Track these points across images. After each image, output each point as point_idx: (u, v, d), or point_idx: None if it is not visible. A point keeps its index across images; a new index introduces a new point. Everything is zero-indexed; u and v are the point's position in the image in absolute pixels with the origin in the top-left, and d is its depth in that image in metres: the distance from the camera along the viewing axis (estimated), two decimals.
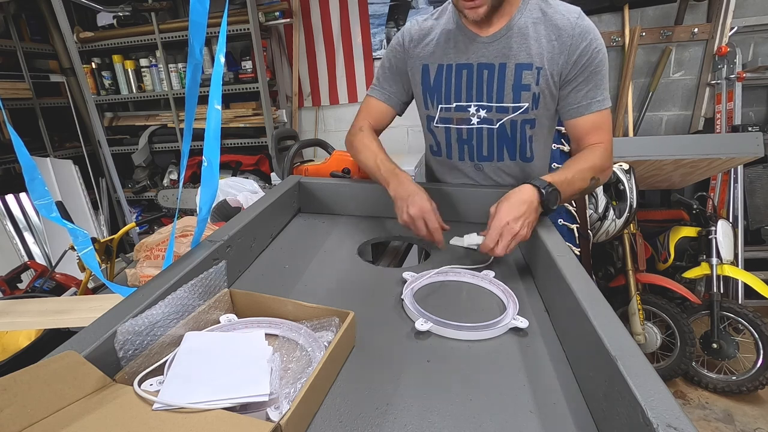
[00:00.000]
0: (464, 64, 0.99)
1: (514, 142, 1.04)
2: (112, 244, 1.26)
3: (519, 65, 0.94)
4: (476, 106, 1.01)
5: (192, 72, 0.71)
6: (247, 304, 0.64)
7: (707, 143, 1.79)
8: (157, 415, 0.42)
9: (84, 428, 0.41)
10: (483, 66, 0.97)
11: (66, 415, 0.42)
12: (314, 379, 0.47)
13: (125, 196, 2.85)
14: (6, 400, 0.38)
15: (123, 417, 0.42)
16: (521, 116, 0.99)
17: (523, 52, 0.94)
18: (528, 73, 0.94)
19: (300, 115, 3.07)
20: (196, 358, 0.51)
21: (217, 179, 0.73)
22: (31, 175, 0.75)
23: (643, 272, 1.95)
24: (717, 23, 2.24)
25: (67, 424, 0.41)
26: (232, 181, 1.54)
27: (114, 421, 0.42)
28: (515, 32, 0.94)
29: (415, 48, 1.04)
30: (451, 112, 1.04)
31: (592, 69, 0.91)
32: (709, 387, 1.86)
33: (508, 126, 1.01)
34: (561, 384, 0.53)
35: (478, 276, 0.79)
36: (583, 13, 0.93)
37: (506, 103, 0.98)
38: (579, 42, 0.90)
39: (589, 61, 0.91)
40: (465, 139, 1.07)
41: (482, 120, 1.02)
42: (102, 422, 0.41)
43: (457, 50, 0.99)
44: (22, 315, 0.76)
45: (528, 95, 0.96)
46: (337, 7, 2.77)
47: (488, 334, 0.63)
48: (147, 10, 2.60)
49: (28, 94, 2.62)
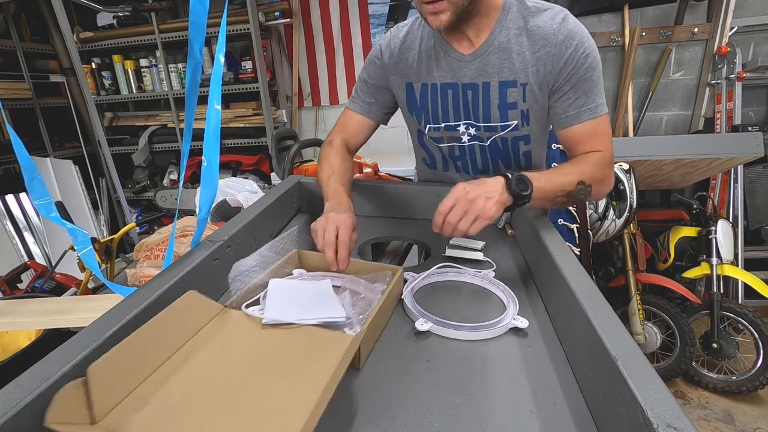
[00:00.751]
0: (449, 84, 0.95)
1: (507, 156, 1.01)
2: (112, 244, 1.26)
3: (503, 83, 0.90)
4: (465, 125, 0.98)
5: (192, 72, 0.71)
6: (311, 262, 0.79)
7: (707, 143, 1.79)
8: (266, 329, 0.57)
9: (218, 343, 0.55)
10: (467, 86, 0.93)
11: (201, 336, 0.56)
12: (376, 312, 0.60)
13: (125, 196, 2.85)
14: (157, 336, 0.51)
15: (242, 332, 0.57)
16: (512, 133, 0.96)
17: (506, 69, 0.88)
18: (513, 90, 0.90)
19: (300, 115, 3.07)
20: (283, 294, 0.65)
21: (216, 179, 0.73)
22: (31, 174, 0.75)
23: (643, 272, 1.95)
24: (717, 23, 2.24)
25: (205, 342, 0.55)
26: (231, 181, 1.54)
27: (237, 335, 0.56)
28: (496, 48, 0.88)
29: (396, 65, 0.99)
30: (440, 131, 1.01)
31: (580, 76, 0.84)
32: (709, 387, 1.86)
33: (499, 143, 0.99)
34: (561, 384, 0.53)
35: (479, 276, 0.79)
36: (568, 16, 0.85)
37: (494, 123, 0.94)
38: (564, 50, 0.83)
39: (576, 69, 0.84)
40: (458, 155, 1.05)
41: (473, 137, 0.99)
42: (228, 337, 0.56)
43: (439, 68, 0.95)
44: (22, 315, 0.76)
45: (516, 113, 0.92)
46: (337, 7, 2.77)
47: (488, 334, 0.63)
48: (147, 10, 2.60)
49: (28, 94, 2.62)
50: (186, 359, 0.52)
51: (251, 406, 0.44)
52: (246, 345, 0.54)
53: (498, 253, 0.91)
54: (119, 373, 0.46)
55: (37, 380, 0.43)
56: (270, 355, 0.52)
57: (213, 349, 0.54)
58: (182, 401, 0.45)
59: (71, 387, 0.41)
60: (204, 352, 0.53)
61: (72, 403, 0.41)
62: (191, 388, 0.47)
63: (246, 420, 0.42)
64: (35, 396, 0.41)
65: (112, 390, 0.45)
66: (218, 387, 0.47)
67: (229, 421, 0.43)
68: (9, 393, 0.41)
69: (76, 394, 0.42)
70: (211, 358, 0.52)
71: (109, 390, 0.44)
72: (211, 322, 0.58)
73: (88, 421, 0.42)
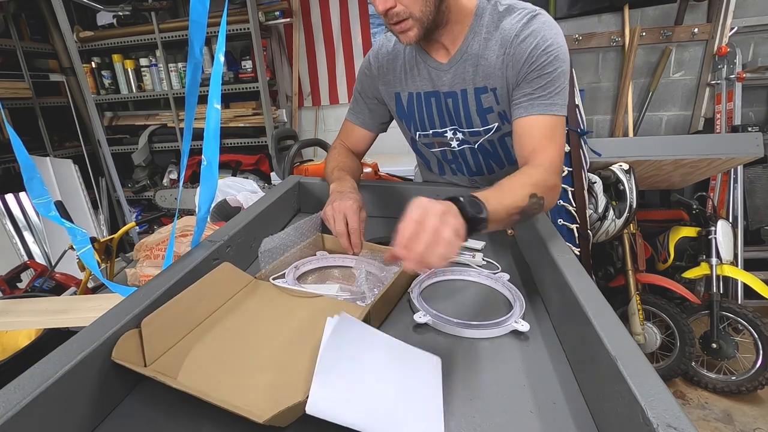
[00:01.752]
0: (432, 92, 0.97)
1: (498, 156, 1.03)
2: (112, 243, 1.26)
3: (477, 89, 0.91)
4: (452, 130, 1.00)
5: (192, 72, 0.71)
6: (332, 246, 0.88)
7: (707, 143, 1.79)
8: (290, 298, 0.67)
9: (248, 307, 0.65)
10: (447, 94, 0.95)
11: (234, 301, 0.66)
12: (387, 288, 0.65)
13: (125, 196, 2.85)
14: (196, 299, 0.61)
15: (269, 299, 0.67)
16: (496, 134, 0.97)
17: (478, 76, 0.90)
18: (485, 96, 0.91)
19: (300, 114, 3.07)
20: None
21: (216, 179, 0.73)
22: (30, 174, 0.75)
23: (642, 272, 1.95)
24: (717, 23, 2.24)
25: (237, 306, 0.65)
26: (231, 181, 1.54)
27: (265, 302, 0.66)
28: (470, 55, 0.89)
29: (384, 76, 1.01)
30: (429, 138, 1.04)
31: (538, 73, 0.83)
32: (708, 387, 1.86)
33: (487, 144, 1.00)
34: (561, 384, 0.53)
35: (492, 278, 0.78)
36: (538, 16, 0.84)
37: (476, 128, 0.97)
38: (524, 49, 0.83)
39: (533, 65, 0.83)
40: (450, 159, 1.07)
41: (461, 142, 1.01)
42: (257, 303, 0.66)
43: (421, 78, 0.97)
44: (21, 314, 0.76)
45: (494, 116, 0.94)
46: (337, 7, 2.77)
47: (488, 334, 0.63)
48: (147, 9, 2.60)
49: (28, 93, 2.62)
50: (221, 319, 0.61)
51: (275, 359, 0.53)
52: (272, 310, 0.64)
53: (498, 253, 0.91)
54: (165, 328, 0.55)
55: (37, 380, 0.43)
56: (292, 319, 0.62)
57: (244, 313, 0.63)
58: (218, 353, 0.54)
59: (128, 335, 0.51)
60: (236, 314, 0.63)
61: (129, 348, 0.51)
62: (226, 343, 0.56)
63: (271, 371, 0.51)
64: (35, 396, 0.41)
65: (159, 341, 0.54)
66: (248, 342, 0.56)
67: (257, 370, 0.51)
68: (9, 393, 0.41)
69: (133, 341, 0.51)
70: (243, 320, 0.62)
71: (158, 341, 0.54)
72: (242, 290, 0.68)
73: (142, 364, 0.52)
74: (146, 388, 0.53)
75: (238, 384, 0.49)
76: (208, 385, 0.49)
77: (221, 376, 0.50)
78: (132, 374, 0.51)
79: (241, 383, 0.49)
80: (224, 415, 0.44)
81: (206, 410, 0.46)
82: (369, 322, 0.60)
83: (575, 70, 1.86)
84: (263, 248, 0.75)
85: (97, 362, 0.48)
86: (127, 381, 0.53)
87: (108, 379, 0.49)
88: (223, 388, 0.49)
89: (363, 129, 1.11)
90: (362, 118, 1.10)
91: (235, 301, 0.65)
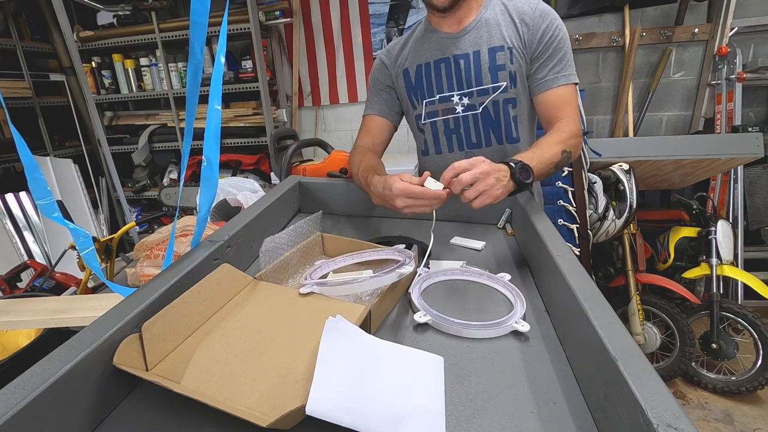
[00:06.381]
0: (441, 59, 1.06)
1: (498, 125, 1.08)
2: (112, 243, 1.26)
3: (492, 48, 1.02)
4: (459, 95, 1.07)
5: (193, 72, 0.71)
6: (333, 245, 0.86)
7: (707, 144, 1.80)
8: (291, 299, 0.66)
9: (249, 308, 0.64)
10: (458, 57, 1.04)
11: (235, 302, 0.65)
12: (387, 288, 0.65)
13: (125, 196, 2.84)
14: (197, 301, 0.60)
15: (269, 300, 0.66)
16: (502, 95, 1.04)
17: (494, 37, 1.02)
18: (501, 54, 1.01)
19: (300, 114, 3.07)
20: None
21: (216, 179, 0.73)
22: (33, 174, 0.74)
23: (642, 272, 1.95)
24: (717, 24, 2.24)
25: (238, 307, 0.64)
26: (232, 181, 1.54)
27: (265, 302, 0.65)
28: (483, 23, 1.03)
29: (396, 61, 1.13)
30: (435, 105, 1.10)
31: (555, 45, 0.98)
32: (708, 387, 1.86)
33: (491, 108, 1.06)
34: (561, 384, 0.53)
35: (493, 278, 0.78)
36: (542, 1, 1.02)
37: (485, 85, 1.04)
38: (540, 22, 0.98)
39: (552, 39, 0.98)
40: (452, 128, 1.12)
41: (466, 107, 1.08)
42: (258, 304, 0.65)
43: (431, 49, 1.07)
44: (21, 314, 0.76)
45: (505, 74, 1.02)
46: (337, 7, 2.77)
47: (487, 334, 0.63)
48: (147, 9, 2.60)
49: (28, 93, 2.62)
50: (221, 322, 0.61)
51: (277, 361, 0.53)
52: (273, 311, 0.64)
53: (498, 253, 0.91)
54: (166, 332, 0.55)
55: (37, 380, 0.43)
56: (292, 319, 0.61)
57: (245, 314, 0.63)
58: (219, 356, 0.54)
59: (129, 340, 0.51)
60: (237, 316, 0.62)
61: (130, 353, 0.51)
62: (227, 345, 0.56)
63: (273, 373, 0.51)
64: (35, 396, 0.41)
65: (160, 345, 0.54)
66: (250, 344, 0.56)
67: (259, 372, 0.51)
68: (9, 393, 0.41)
69: (134, 345, 0.51)
70: (243, 322, 0.61)
71: (159, 345, 0.54)
72: (243, 291, 0.68)
73: (144, 369, 0.52)
74: (146, 389, 0.53)
75: (240, 387, 0.49)
76: (211, 388, 0.49)
77: (223, 379, 0.50)
78: (132, 374, 0.51)
79: (243, 386, 0.49)
80: (225, 416, 0.45)
81: (207, 410, 0.46)
82: (370, 322, 0.60)
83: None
84: (264, 248, 0.75)
85: (98, 362, 0.48)
86: (128, 381, 0.52)
87: (108, 379, 0.50)
88: (226, 391, 0.48)
89: (382, 118, 1.16)
90: (378, 107, 1.17)
91: (235, 303, 0.65)
